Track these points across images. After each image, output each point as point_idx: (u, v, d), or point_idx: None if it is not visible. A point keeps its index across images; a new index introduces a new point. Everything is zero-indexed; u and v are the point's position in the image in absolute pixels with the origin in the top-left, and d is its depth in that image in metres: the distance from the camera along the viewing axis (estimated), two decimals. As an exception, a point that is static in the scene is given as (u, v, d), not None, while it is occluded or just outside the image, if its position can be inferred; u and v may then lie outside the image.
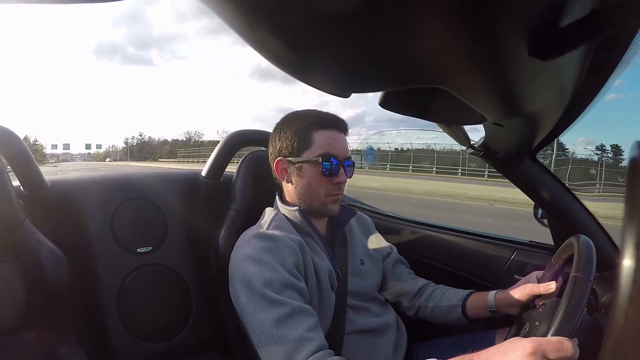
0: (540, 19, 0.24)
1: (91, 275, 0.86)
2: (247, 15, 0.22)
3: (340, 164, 0.75)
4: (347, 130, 0.80)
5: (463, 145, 0.83)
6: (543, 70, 0.31)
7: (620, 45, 0.34)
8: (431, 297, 0.85)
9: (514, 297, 0.72)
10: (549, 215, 0.92)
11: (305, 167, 0.74)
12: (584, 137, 25.59)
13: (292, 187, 0.77)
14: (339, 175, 0.75)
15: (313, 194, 0.75)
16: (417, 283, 0.89)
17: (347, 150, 0.78)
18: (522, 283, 0.73)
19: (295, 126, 0.76)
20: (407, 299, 0.88)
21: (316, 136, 0.74)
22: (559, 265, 0.68)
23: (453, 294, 0.84)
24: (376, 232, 0.94)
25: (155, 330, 0.91)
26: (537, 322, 0.58)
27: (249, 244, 0.70)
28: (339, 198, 0.77)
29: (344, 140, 0.78)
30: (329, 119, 0.77)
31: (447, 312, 0.82)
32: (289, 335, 0.59)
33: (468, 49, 0.25)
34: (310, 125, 0.75)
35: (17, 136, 0.80)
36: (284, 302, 0.62)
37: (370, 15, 0.20)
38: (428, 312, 0.85)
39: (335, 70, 0.29)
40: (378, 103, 0.42)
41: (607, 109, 30.40)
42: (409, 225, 1.18)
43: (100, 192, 0.92)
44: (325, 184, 0.75)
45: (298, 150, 0.75)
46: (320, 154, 0.73)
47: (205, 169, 1.03)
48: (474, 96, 0.36)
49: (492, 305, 0.76)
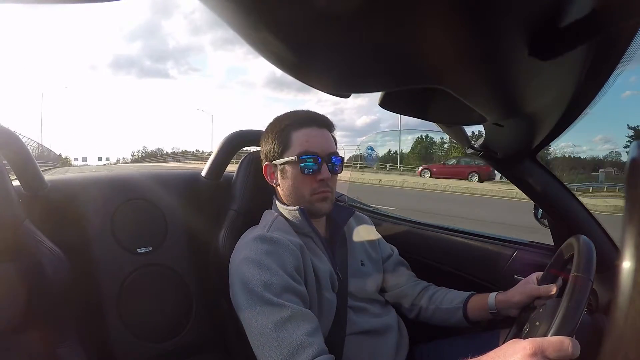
0: (540, 18, 0.24)
1: (91, 275, 0.86)
2: (248, 15, 0.22)
3: (322, 161, 0.74)
4: (330, 126, 0.78)
5: (463, 145, 0.83)
6: (543, 70, 0.31)
7: (620, 45, 0.34)
8: (432, 300, 0.85)
9: (514, 299, 0.72)
10: (549, 215, 0.92)
11: (286, 168, 0.75)
12: (601, 135, 25.49)
13: (281, 190, 0.78)
14: (322, 172, 0.74)
15: (298, 194, 0.75)
16: (418, 286, 0.89)
17: (331, 146, 0.76)
18: (523, 284, 0.73)
19: (275, 129, 0.76)
20: (407, 301, 0.88)
21: (294, 136, 0.74)
22: (559, 266, 0.68)
23: (454, 296, 0.84)
24: (376, 233, 0.94)
25: (156, 331, 0.91)
26: (537, 322, 0.58)
27: (250, 246, 0.70)
28: (326, 195, 0.76)
29: (326, 136, 0.77)
30: (305, 117, 0.76)
31: (448, 315, 0.82)
32: (288, 339, 0.59)
33: (468, 49, 0.25)
34: (288, 126, 0.75)
35: (17, 137, 0.80)
36: (284, 305, 0.62)
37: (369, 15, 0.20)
38: (429, 315, 0.85)
39: (335, 70, 0.29)
40: (378, 103, 0.42)
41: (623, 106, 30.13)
42: (409, 225, 1.17)
43: (101, 193, 0.92)
44: (308, 182, 0.74)
45: (280, 153, 0.75)
46: (298, 153, 0.73)
47: (206, 169, 1.03)
48: (473, 96, 0.36)
49: (493, 307, 0.76)
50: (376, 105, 0.43)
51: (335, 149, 0.77)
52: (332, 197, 0.77)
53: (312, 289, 0.70)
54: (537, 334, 0.55)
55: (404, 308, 0.89)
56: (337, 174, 0.78)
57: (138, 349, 0.87)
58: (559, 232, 0.91)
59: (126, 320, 0.87)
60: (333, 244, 0.81)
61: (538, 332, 0.55)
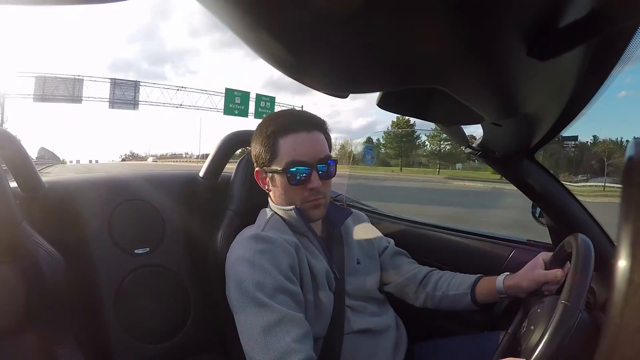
0: (539, 18, 0.24)
1: (89, 276, 0.86)
2: (245, 16, 0.22)
3: (311, 169, 0.70)
4: (320, 127, 0.74)
5: (461, 145, 0.83)
6: (541, 70, 0.31)
7: (618, 45, 0.34)
8: (438, 286, 0.84)
9: (523, 284, 0.72)
10: (547, 214, 0.92)
11: (275, 177, 0.73)
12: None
13: (273, 195, 0.77)
14: (312, 180, 0.71)
15: (289, 202, 0.74)
16: (420, 272, 0.88)
17: (321, 151, 0.72)
18: (530, 269, 0.72)
19: (263, 134, 0.73)
20: (411, 290, 0.87)
21: (281, 143, 0.71)
22: (559, 262, 0.69)
23: (460, 281, 0.82)
24: (373, 229, 0.93)
25: (154, 331, 0.90)
26: (532, 326, 0.60)
27: (244, 245, 0.70)
28: (318, 203, 0.74)
29: (315, 140, 0.72)
30: (292, 121, 0.72)
31: (456, 300, 0.81)
32: (276, 344, 0.59)
33: (466, 49, 0.25)
34: (274, 132, 0.71)
35: (15, 137, 0.79)
36: (274, 308, 0.61)
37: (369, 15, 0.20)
38: (437, 302, 0.84)
39: (333, 70, 0.29)
40: (376, 104, 0.42)
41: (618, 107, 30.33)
42: (407, 224, 1.18)
43: (98, 194, 0.92)
44: (298, 192, 0.72)
45: (268, 161, 0.72)
46: (286, 163, 0.70)
47: (203, 170, 1.02)
48: (472, 96, 0.36)
49: (502, 291, 0.75)
50: (372, 107, 0.43)
51: (327, 152, 0.74)
52: (325, 202, 0.76)
53: (308, 288, 0.70)
54: (528, 342, 0.58)
55: (409, 297, 0.88)
56: (330, 178, 0.75)
57: (136, 350, 0.87)
58: (557, 231, 0.92)
59: (124, 321, 0.87)
60: (330, 242, 0.81)
61: (531, 339, 0.58)
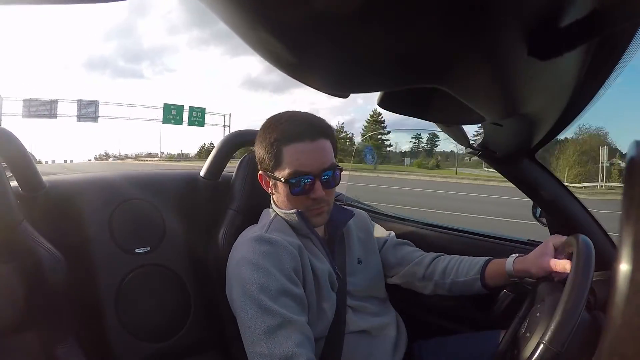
0: (540, 18, 0.24)
1: (89, 276, 0.86)
2: (247, 15, 0.22)
3: (314, 178, 0.70)
4: (325, 133, 0.72)
5: (462, 144, 0.83)
6: (542, 69, 0.31)
7: (619, 45, 0.34)
8: (446, 273, 0.83)
9: (532, 270, 0.72)
10: (547, 214, 0.92)
11: (278, 184, 0.73)
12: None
13: (276, 200, 0.77)
14: (315, 191, 0.70)
15: (291, 209, 0.74)
16: (425, 259, 0.87)
17: (326, 160, 0.71)
18: (540, 254, 0.71)
19: (267, 139, 0.72)
20: (418, 279, 0.86)
21: (285, 152, 0.70)
22: (569, 251, 0.68)
23: (469, 266, 0.82)
24: (373, 225, 0.93)
25: (154, 330, 0.90)
26: (528, 333, 0.60)
27: (248, 246, 0.70)
28: (321, 212, 0.74)
29: (320, 149, 0.71)
30: (295, 130, 0.70)
31: (466, 287, 0.81)
32: (277, 348, 0.59)
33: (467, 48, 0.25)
34: (277, 140, 0.70)
35: (16, 137, 0.79)
36: (277, 312, 0.61)
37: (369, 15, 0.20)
38: (446, 289, 0.83)
39: (334, 70, 0.29)
40: (377, 103, 0.42)
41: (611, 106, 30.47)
42: (407, 224, 1.18)
43: (98, 193, 0.92)
44: (301, 201, 0.72)
45: (272, 167, 0.72)
46: (289, 173, 0.69)
47: (204, 169, 1.03)
48: (472, 96, 0.36)
49: (512, 274, 0.75)
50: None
51: (332, 160, 0.73)
52: (328, 209, 0.76)
53: (310, 290, 0.70)
54: (525, 347, 0.58)
55: (417, 287, 0.87)
56: (335, 187, 0.75)
57: (136, 349, 0.87)
58: (558, 231, 0.91)
59: (124, 320, 0.87)
60: (332, 243, 0.81)
61: (527, 346, 0.58)
